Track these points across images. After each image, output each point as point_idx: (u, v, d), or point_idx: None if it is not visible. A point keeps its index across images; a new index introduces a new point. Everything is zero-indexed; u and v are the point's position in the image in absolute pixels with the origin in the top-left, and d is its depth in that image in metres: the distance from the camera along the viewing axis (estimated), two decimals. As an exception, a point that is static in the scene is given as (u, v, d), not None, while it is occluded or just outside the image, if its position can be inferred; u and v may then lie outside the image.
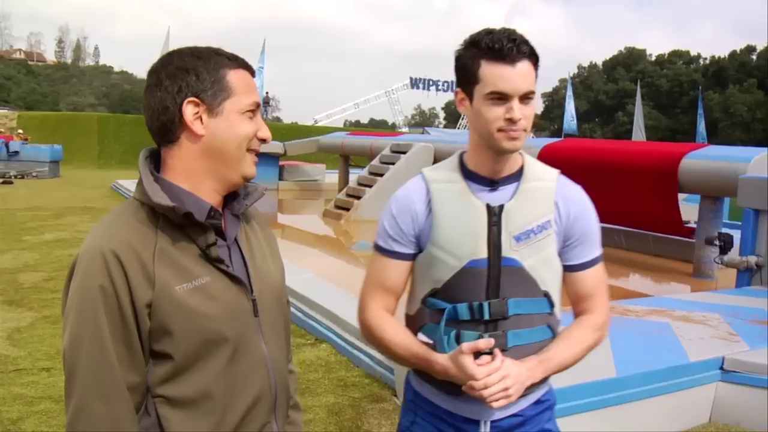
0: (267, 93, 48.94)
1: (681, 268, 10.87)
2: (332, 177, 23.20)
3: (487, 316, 1.99)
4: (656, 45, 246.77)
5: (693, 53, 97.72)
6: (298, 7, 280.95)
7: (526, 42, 1.93)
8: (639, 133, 41.05)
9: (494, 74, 1.91)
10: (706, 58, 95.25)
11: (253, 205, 1.86)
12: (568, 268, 2.12)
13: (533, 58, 1.95)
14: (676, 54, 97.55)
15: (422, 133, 36.40)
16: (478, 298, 2.00)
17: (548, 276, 2.06)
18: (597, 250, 2.15)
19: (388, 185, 16.02)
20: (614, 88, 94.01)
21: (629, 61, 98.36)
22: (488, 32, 1.94)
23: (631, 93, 70.07)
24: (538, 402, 2.14)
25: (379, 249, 2.15)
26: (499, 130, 1.93)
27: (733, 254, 8.26)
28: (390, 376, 5.44)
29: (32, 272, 9.31)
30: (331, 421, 4.85)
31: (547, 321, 2.07)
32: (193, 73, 1.63)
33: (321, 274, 8.50)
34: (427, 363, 2.00)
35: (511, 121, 1.92)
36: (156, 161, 1.72)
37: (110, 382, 1.54)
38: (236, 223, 1.77)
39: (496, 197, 2.03)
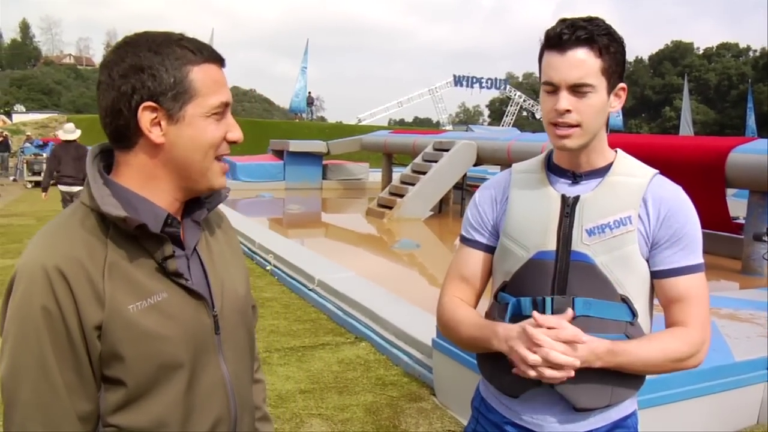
0: (310, 93, 49.27)
1: (729, 265, 10.62)
2: (375, 175, 23.23)
3: (549, 312, 1.83)
4: (704, 38, 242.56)
5: (742, 45, 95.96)
6: (346, 7, 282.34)
7: (585, 28, 1.76)
8: (687, 128, 40.40)
9: (546, 63, 1.81)
10: (756, 50, 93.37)
11: (218, 207, 1.69)
12: (656, 274, 1.89)
13: (596, 45, 1.77)
14: (725, 47, 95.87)
15: (466, 130, 36.25)
16: (544, 292, 1.87)
17: (626, 278, 1.85)
18: (694, 258, 1.88)
19: (431, 183, 15.97)
20: (661, 82, 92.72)
21: (676, 55, 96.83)
22: (559, 21, 1.83)
23: (678, 87, 69.14)
24: (616, 425, 1.92)
25: (462, 239, 2.11)
26: (551, 123, 1.83)
27: (783, 250, 8.05)
28: (429, 375, 5.41)
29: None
30: (369, 420, 4.82)
31: (626, 330, 1.85)
32: (149, 72, 1.40)
33: (362, 273, 8.49)
34: (491, 330, 1.85)
35: (557, 113, 1.79)
36: (109, 158, 1.52)
37: (58, 412, 1.37)
38: (196, 230, 1.58)
39: (576, 190, 1.91)
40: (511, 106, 73.62)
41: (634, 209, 1.86)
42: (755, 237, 9.12)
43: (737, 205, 11.70)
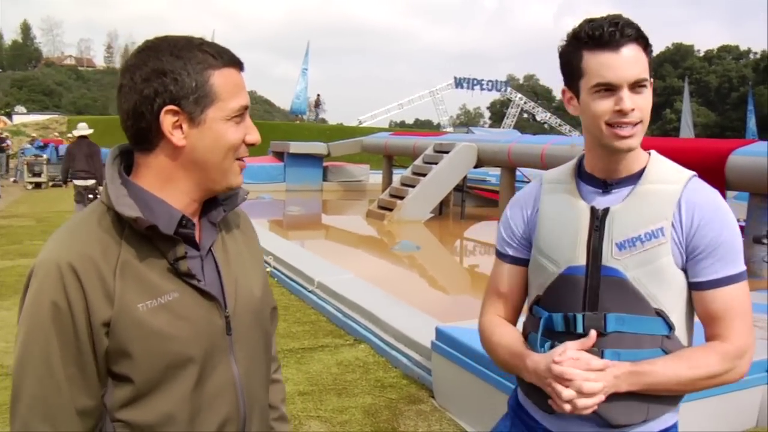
0: (318, 95, 49.49)
1: (729, 268, 10.59)
2: (376, 177, 23.22)
3: (580, 330, 1.80)
4: (705, 41, 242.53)
5: (743, 48, 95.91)
6: (348, 9, 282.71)
7: (630, 24, 1.73)
8: (687, 130, 40.34)
9: (598, 63, 1.73)
10: (756, 53, 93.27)
11: (238, 207, 1.70)
12: (694, 286, 1.81)
13: (642, 41, 1.75)
14: (725, 49, 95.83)
15: (466, 132, 36.25)
16: (575, 308, 1.83)
17: (660, 292, 1.79)
18: (733, 267, 1.80)
19: (431, 185, 15.99)
20: (661, 85, 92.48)
21: (676, 57, 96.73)
22: (589, 21, 1.77)
23: (679, 90, 69.04)
24: None
25: (497, 254, 2.08)
26: (608, 124, 1.75)
27: (783, 253, 8.04)
28: (428, 377, 5.41)
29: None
30: (367, 422, 4.82)
31: (662, 345, 1.79)
32: (172, 76, 1.43)
33: (362, 275, 8.49)
34: (521, 361, 1.85)
35: (622, 113, 1.73)
36: (129, 159, 1.55)
37: (58, 405, 1.40)
38: (213, 231, 1.61)
39: (606, 200, 1.86)
40: (511, 108, 73.48)
41: (667, 219, 1.80)
42: (755, 239, 9.10)
43: (737, 207, 11.67)
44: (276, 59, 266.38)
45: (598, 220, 1.83)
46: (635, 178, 1.86)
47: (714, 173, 9.98)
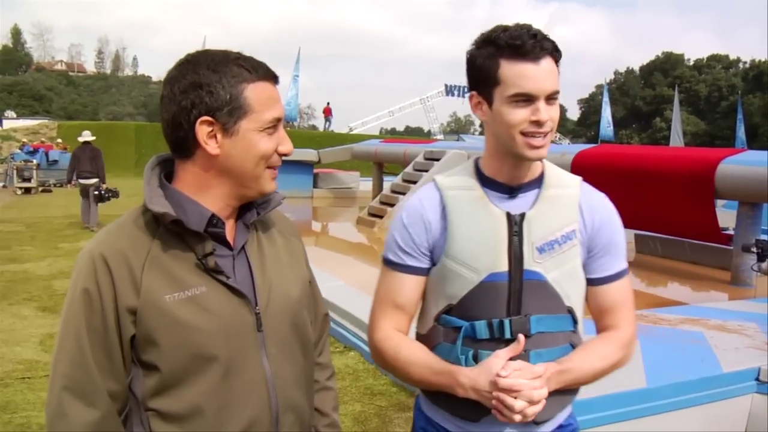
0: (328, 104, 50.16)
1: (718, 276, 10.65)
2: (366, 184, 23.18)
3: (508, 335, 1.82)
4: (695, 50, 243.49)
5: (732, 57, 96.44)
6: (340, 17, 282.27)
7: (547, 38, 1.77)
8: (677, 139, 40.59)
9: (518, 74, 1.75)
10: (746, 62, 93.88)
11: (281, 213, 1.78)
12: (591, 282, 1.94)
13: (556, 54, 1.79)
14: (715, 58, 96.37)
15: (457, 140, 36.32)
16: (498, 314, 1.83)
17: (573, 291, 1.90)
18: (623, 263, 1.97)
19: (421, 192, 15.94)
20: (651, 93, 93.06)
21: (666, 66, 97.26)
22: (504, 29, 1.78)
23: (669, 98, 69.49)
24: (560, 427, 1.96)
25: (389, 263, 1.98)
26: (523, 133, 1.78)
27: (772, 262, 8.07)
28: (417, 384, 5.39)
29: (66, 279, 9.33)
30: (357, 430, 4.82)
31: (571, 339, 1.91)
32: (207, 89, 1.52)
33: (352, 282, 8.46)
34: (450, 378, 1.81)
35: (538, 124, 1.77)
36: (170, 167, 1.66)
37: (90, 386, 1.51)
38: (246, 232, 1.68)
39: (515, 205, 1.88)
40: (502, 115, 73.49)
41: (576, 222, 1.89)
42: (744, 248, 9.13)
43: (726, 216, 11.73)
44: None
45: (517, 225, 1.85)
46: (536, 183, 1.92)
47: (704, 182, 10.03)
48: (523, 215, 1.86)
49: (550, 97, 1.78)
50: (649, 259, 11.93)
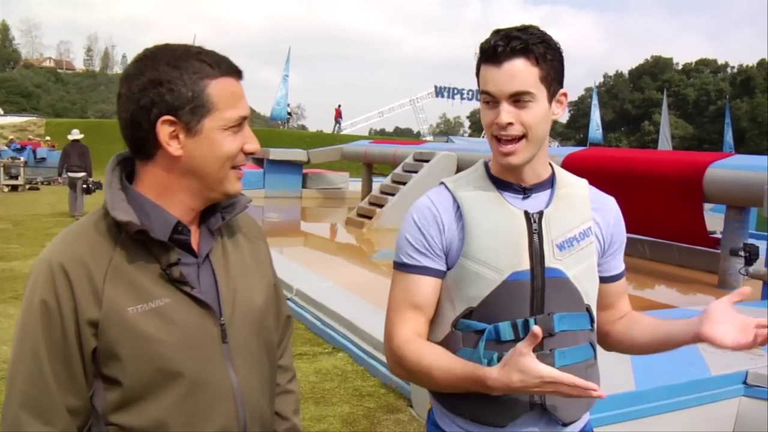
0: (339, 106, 50.60)
1: (706, 279, 10.71)
2: (356, 185, 23.18)
3: None
4: (684, 54, 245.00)
5: (720, 62, 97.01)
6: (331, 16, 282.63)
7: (519, 38, 1.72)
8: (665, 143, 40.69)
9: (483, 77, 1.78)
10: (733, 67, 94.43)
11: (247, 214, 1.70)
12: (606, 279, 1.98)
13: (531, 54, 1.72)
14: (703, 63, 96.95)
15: (446, 141, 36.34)
16: (521, 314, 1.78)
17: (590, 288, 1.88)
18: (623, 260, 2.07)
19: (411, 193, 15.97)
20: (640, 97, 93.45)
21: (655, 69, 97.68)
22: (494, 33, 1.78)
23: (657, 102, 69.79)
24: (582, 430, 1.95)
25: (403, 267, 1.90)
26: (496, 138, 1.78)
27: (759, 265, 8.12)
28: (406, 386, 5.39)
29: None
30: (345, 431, 4.80)
31: (589, 338, 1.88)
32: (168, 86, 1.43)
33: (341, 283, 8.47)
34: (478, 381, 1.69)
35: (498, 126, 1.75)
36: (131, 166, 1.56)
37: (47, 402, 1.42)
38: (211, 238, 1.60)
39: (530, 204, 1.86)
40: (491, 117, 73.69)
41: (590, 220, 1.91)
42: (732, 252, 9.18)
43: (714, 219, 11.78)
44: (258, 65, 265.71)
45: (536, 223, 1.83)
46: (548, 183, 1.91)
47: (692, 186, 10.08)
48: (541, 213, 1.84)
49: (517, 99, 1.74)
50: (637, 261, 11.94)
